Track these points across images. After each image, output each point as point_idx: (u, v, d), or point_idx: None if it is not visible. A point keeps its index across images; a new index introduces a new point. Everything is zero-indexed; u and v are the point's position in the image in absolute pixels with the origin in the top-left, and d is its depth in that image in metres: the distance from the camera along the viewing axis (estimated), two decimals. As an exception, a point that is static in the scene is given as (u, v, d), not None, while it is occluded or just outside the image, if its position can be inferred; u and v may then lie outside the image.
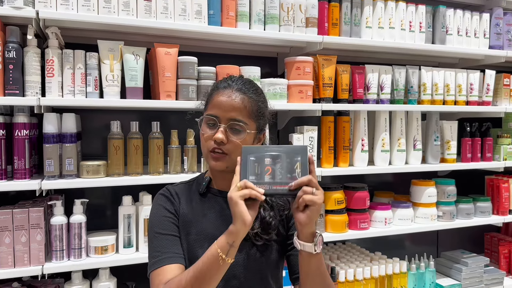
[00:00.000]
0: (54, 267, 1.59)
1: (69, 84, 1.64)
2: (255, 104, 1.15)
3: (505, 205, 2.46)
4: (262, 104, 1.18)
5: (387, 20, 2.14)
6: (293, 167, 1.03)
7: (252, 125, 1.14)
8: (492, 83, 2.43)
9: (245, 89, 1.15)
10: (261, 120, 1.18)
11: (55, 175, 1.61)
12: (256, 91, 1.18)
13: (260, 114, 1.17)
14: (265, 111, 1.19)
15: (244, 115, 1.12)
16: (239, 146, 1.10)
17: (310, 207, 0.99)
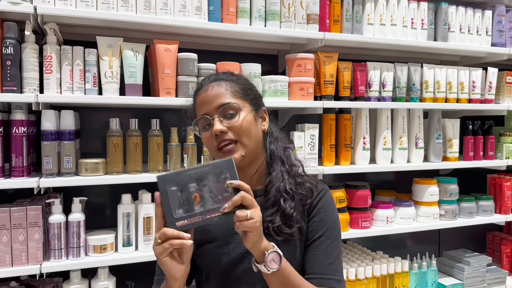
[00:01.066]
0: (52, 266, 1.58)
1: (67, 81, 1.62)
2: (235, 84, 1.11)
3: (508, 204, 2.44)
4: (243, 81, 1.14)
5: (389, 17, 2.12)
6: (222, 187, 0.92)
7: (243, 103, 1.09)
8: (494, 80, 2.41)
9: (219, 77, 1.13)
10: (250, 96, 1.12)
11: (54, 173, 1.59)
12: (232, 74, 1.16)
13: (246, 91, 1.12)
14: (250, 87, 1.14)
15: (230, 96, 1.08)
16: (242, 128, 1.06)
17: (248, 233, 0.92)
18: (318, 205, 1.14)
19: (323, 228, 1.12)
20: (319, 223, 1.12)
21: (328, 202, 1.15)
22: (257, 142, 1.11)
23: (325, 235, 1.11)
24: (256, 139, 1.11)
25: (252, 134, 1.08)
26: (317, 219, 1.13)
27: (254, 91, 1.16)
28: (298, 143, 1.97)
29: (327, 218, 1.13)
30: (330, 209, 1.15)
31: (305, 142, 1.98)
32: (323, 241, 1.11)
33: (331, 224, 1.13)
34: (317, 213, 1.13)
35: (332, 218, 1.14)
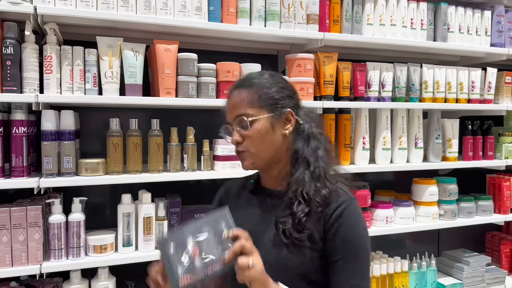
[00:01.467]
0: (52, 266, 1.58)
1: (67, 81, 1.62)
2: (254, 91, 1.10)
3: (507, 204, 2.45)
4: (264, 85, 1.12)
5: (388, 17, 2.13)
6: (221, 238, 0.91)
7: (259, 111, 1.09)
8: (493, 81, 2.41)
9: (241, 84, 1.14)
10: (268, 101, 1.10)
11: (54, 173, 1.59)
12: (253, 78, 1.14)
13: (264, 97, 1.10)
14: (270, 92, 1.11)
15: (245, 106, 1.09)
16: (253, 139, 1.09)
17: (252, 283, 0.93)
18: (338, 221, 1.05)
19: (346, 249, 1.04)
20: (340, 242, 1.05)
21: (350, 218, 1.05)
22: (274, 148, 1.11)
23: (347, 256, 1.04)
24: (273, 146, 1.11)
25: (265, 142, 1.10)
26: (338, 237, 1.05)
27: (274, 95, 1.11)
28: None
29: (349, 237, 1.04)
30: (352, 225, 1.05)
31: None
32: (346, 262, 1.04)
33: (354, 244, 1.05)
34: (337, 230, 1.05)
35: (354, 236, 1.05)
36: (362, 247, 1.06)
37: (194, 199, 1.94)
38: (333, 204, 1.06)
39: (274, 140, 1.11)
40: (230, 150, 1.83)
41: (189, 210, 1.80)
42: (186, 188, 1.97)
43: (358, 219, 1.07)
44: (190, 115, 2.07)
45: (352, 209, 1.07)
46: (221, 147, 1.82)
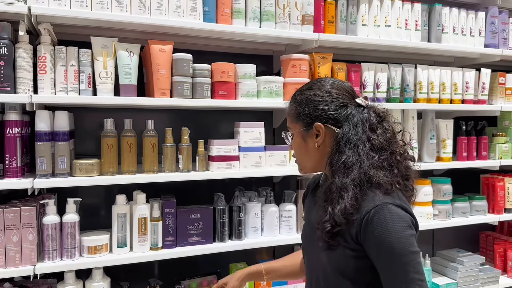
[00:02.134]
0: (46, 267, 1.57)
1: (61, 81, 1.61)
2: (293, 105, 1.21)
3: (501, 204, 2.46)
4: (302, 98, 1.18)
5: (383, 18, 2.13)
6: None
7: (294, 126, 1.21)
8: (487, 81, 2.43)
9: (292, 96, 1.24)
10: (302, 116, 1.17)
11: (48, 174, 1.59)
12: (300, 91, 1.22)
13: (299, 111, 1.18)
14: (305, 105, 1.17)
15: (288, 121, 1.24)
16: (296, 150, 1.22)
17: None
18: (368, 228, 1.04)
19: (381, 254, 1.04)
20: (374, 248, 1.04)
21: (379, 224, 1.03)
22: (312, 158, 1.20)
23: (384, 261, 1.04)
24: (310, 156, 1.20)
25: (301, 154, 1.22)
26: (371, 243, 1.04)
27: (309, 109, 1.16)
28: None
29: (380, 243, 1.02)
30: (382, 231, 1.02)
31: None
32: (385, 267, 1.04)
33: (387, 249, 1.02)
34: (368, 236, 1.04)
35: (385, 242, 1.02)
36: (397, 250, 1.02)
37: (189, 199, 1.94)
38: (363, 211, 1.05)
39: (308, 151, 1.19)
40: (225, 151, 1.83)
41: (184, 211, 1.80)
42: (181, 188, 1.97)
43: (387, 225, 1.03)
44: (185, 116, 2.07)
45: (382, 214, 1.03)
46: (216, 148, 1.82)
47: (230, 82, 1.84)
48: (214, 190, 1.94)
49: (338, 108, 1.15)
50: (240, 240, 1.89)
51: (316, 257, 1.18)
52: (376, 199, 1.05)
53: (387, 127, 1.15)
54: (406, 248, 1.02)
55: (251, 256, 2.16)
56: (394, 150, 1.13)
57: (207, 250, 1.81)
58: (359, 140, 1.11)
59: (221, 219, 1.85)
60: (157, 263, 2.03)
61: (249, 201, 1.96)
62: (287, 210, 1.97)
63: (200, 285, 1.94)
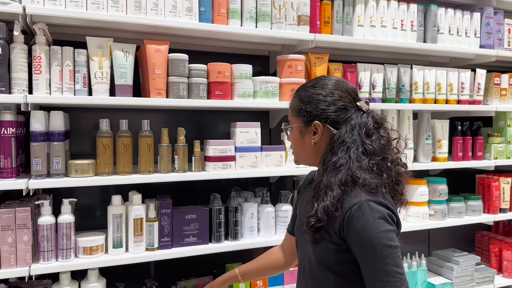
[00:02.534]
0: (41, 268, 1.56)
1: (57, 81, 1.61)
2: (295, 100, 1.25)
3: (496, 204, 2.47)
4: (305, 94, 1.22)
5: (379, 18, 2.14)
6: None
7: (294, 120, 1.25)
8: (483, 82, 2.44)
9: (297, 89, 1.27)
10: (302, 112, 1.21)
11: (43, 174, 1.58)
12: (303, 89, 1.24)
13: (301, 106, 1.22)
14: (307, 102, 1.20)
15: (289, 114, 1.28)
16: (293, 143, 1.27)
17: None
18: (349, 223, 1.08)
19: (361, 249, 1.08)
20: (355, 243, 1.08)
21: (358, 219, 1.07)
22: (307, 153, 1.24)
23: (365, 255, 1.07)
24: (305, 151, 1.24)
25: (297, 148, 1.27)
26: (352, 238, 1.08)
27: (310, 107, 1.20)
28: (289, 144, 1.97)
29: (361, 238, 1.07)
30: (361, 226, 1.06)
31: (296, 143, 1.99)
32: (366, 261, 1.08)
33: (367, 243, 1.06)
34: (349, 231, 1.08)
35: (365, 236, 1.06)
36: (377, 244, 1.05)
37: (185, 200, 1.93)
38: (346, 207, 1.09)
39: (305, 147, 1.24)
40: (221, 151, 1.83)
41: (180, 211, 1.79)
42: (177, 189, 1.97)
43: (367, 221, 1.06)
44: (181, 116, 2.07)
45: (362, 210, 1.07)
46: (212, 148, 1.81)
47: (226, 82, 1.84)
48: (210, 190, 1.94)
49: (338, 110, 1.18)
50: (236, 241, 1.89)
51: (304, 248, 1.25)
52: (358, 197, 1.09)
53: (383, 134, 1.19)
54: (385, 242, 1.05)
55: (248, 257, 2.15)
56: (386, 157, 1.16)
57: (203, 251, 1.81)
58: (353, 143, 1.15)
59: (217, 219, 1.85)
60: (153, 264, 2.02)
61: (245, 201, 1.96)
62: (284, 210, 1.97)
63: (196, 286, 1.93)
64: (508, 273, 2.49)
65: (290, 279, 1.96)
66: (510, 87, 2.55)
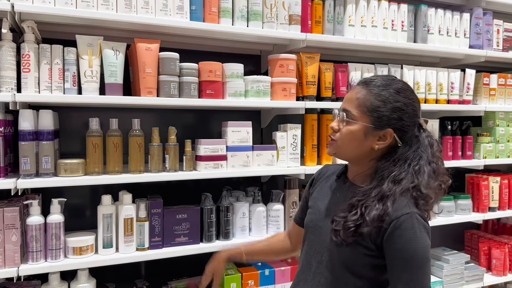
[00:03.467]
0: (30, 269, 1.54)
1: (46, 80, 1.59)
2: (370, 97, 1.18)
3: (485, 203, 2.50)
4: (382, 97, 1.17)
5: (369, 18, 2.15)
6: None
7: (362, 117, 1.18)
8: (472, 82, 2.46)
9: (366, 83, 1.21)
10: (375, 114, 1.17)
11: (31, 174, 1.56)
12: (379, 86, 1.19)
13: (374, 108, 1.17)
14: (384, 106, 1.17)
15: (354, 106, 1.20)
16: (345, 135, 1.20)
17: None
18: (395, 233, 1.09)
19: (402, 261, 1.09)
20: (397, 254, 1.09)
21: (406, 232, 1.09)
22: (358, 153, 1.21)
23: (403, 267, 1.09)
24: (357, 150, 1.21)
25: (351, 144, 1.20)
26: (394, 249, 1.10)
27: (385, 112, 1.17)
28: (281, 143, 1.98)
29: (405, 250, 1.09)
30: (408, 239, 1.09)
31: (288, 142, 1.99)
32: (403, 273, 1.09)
33: (410, 257, 1.08)
34: (393, 242, 1.10)
35: (410, 250, 1.09)
36: (419, 257, 1.09)
37: (176, 199, 1.92)
38: (393, 216, 1.10)
39: (360, 147, 1.20)
40: (212, 150, 1.82)
41: (171, 211, 1.78)
42: (168, 188, 1.96)
43: (413, 234, 1.09)
44: (171, 115, 2.06)
45: (410, 222, 1.10)
46: (203, 147, 1.81)
47: (217, 81, 1.84)
48: (202, 190, 1.93)
49: (412, 125, 1.20)
50: (228, 240, 1.88)
51: (321, 244, 1.23)
52: (406, 208, 1.11)
53: (439, 155, 1.22)
54: (427, 256, 1.10)
55: (239, 256, 2.15)
56: (446, 179, 1.23)
57: (194, 251, 1.80)
58: (420, 160, 1.17)
59: (208, 219, 1.84)
60: (144, 264, 2.01)
61: (237, 201, 1.96)
62: (275, 209, 1.97)
63: (188, 286, 1.93)
64: (497, 271, 2.52)
65: (282, 279, 1.96)
66: (499, 87, 2.57)
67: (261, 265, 2.00)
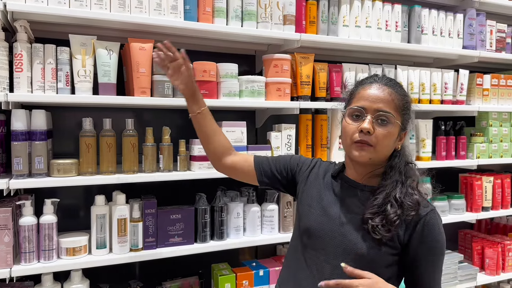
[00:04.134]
0: (23, 270, 1.53)
1: (38, 80, 1.58)
2: (402, 99, 1.20)
3: (478, 202, 2.51)
4: (408, 99, 1.22)
5: (363, 19, 2.15)
6: None
7: (398, 118, 1.19)
8: (465, 82, 2.47)
9: (392, 84, 1.21)
10: (406, 116, 1.21)
11: (24, 174, 1.55)
12: (402, 88, 1.24)
13: (405, 109, 1.21)
14: (409, 108, 1.23)
15: (391, 107, 1.17)
16: (385, 138, 1.16)
17: None
18: (427, 228, 1.14)
19: (430, 255, 1.15)
20: (426, 248, 1.15)
21: (436, 226, 1.16)
22: (387, 153, 1.21)
23: (431, 261, 1.15)
24: (388, 151, 1.21)
25: (388, 147, 1.19)
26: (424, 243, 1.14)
27: (409, 113, 1.23)
28: (275, 143, 1.98)
29: (433, 244, 1.15)
30: (437, 233, 1.16)
31: (282, 142, 1.99)
32: (429, 267, 1.15)
33: (438, 251, 1.16)
34: (424, 236, 1.14)
35: (437, 244, 1.16)
36: (442, 254, 1.18)
37: (170, 200, 1.92)
38: (422, 211, 1.15)
39: (391, 148, 1.21)
40: (206, 150, 1.82)
41: (165, 211, 1.78)
42: (162, 189, 1.95)
43: (440, 227, 1.17)
44: (165, 115, 2.05)
45: (435, 216, 1.16)
46: (197, 147, 1.80)
47: (211, 81, 1.83)
48: (196, 190, 1.93)
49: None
50: (222, 241, 1.88)
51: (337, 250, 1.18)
52: (425, 202, 1.18)
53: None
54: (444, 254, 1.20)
55: (233, 256, 2.15)
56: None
57: (188, 251, 1.80)
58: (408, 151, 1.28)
59: (202, 219, 1.84)
60: (138, 265, 2.00)
61: (231, 201, 1.96)
62: (269, 209, 1.97)
63: (182, 286, 1.92)
64: (490, 271, 2.53)
65: (276, 279, 1.96)
66: (492, 88, 2.59)
67: (255, 265, 2.00)
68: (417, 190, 1.20)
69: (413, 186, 1.19)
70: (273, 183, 1.43)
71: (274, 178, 1.41)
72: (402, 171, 1.20)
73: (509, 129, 2.62)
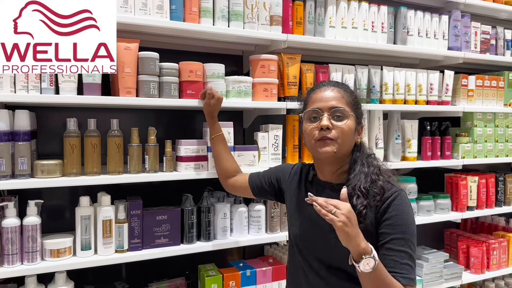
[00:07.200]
0: (6, 272, 1.52)
1: (22, 80, 1.56)
2: (351, 95, 1.32)
3: (463, 202, 2.54)
4: (356, 96, 1.35)
5: (350, 20, 2.16)
6: None
7: (352, 112, 1.30)
8: (451, 83, 2.50)
9: (339, 84, 1.34)
10: (359, 110, 1.33)
11: (7, 175, 1.53)
12: (349, 87, 1.36)
13: (356, 104, 1.33)
14: (359, 103, 1.35)
15: (343, 103, 1.29)
16: (344, 131, 1.26)
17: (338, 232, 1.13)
18: (390, 209, 1.22)
19: (395, 232, 1.21)
20: (391, 227, 1.22)
21: (399, 205, 1.23)
22: (349, 147, 1.31)
23: (397, 238, 1.21)
24: (349, 145, 1.31)
25: (348, 139, 1.29)
26: (388, 223, 1.22)
27: (361, 108, 1.36)
28: (262, 144, 1.98)
29: (398, 222, 1.22)
30: (401, 212, 1.23)
31: (269, 142, 1.99)
32: (395, 244, 1.20)
33: (403, 228, 1.22)
34: (388, 217, 1.22)
35: (403, 221, 1.22)
36: (411, 231, 1.23)
37: (156, 201, 1.91)
38: (388, 193, 1.24)
39: (351, 141, 1.31)
40: (193, 151, 1.81)
41: (151, 212, 1.77)
42: (148, 190, 1.94)
43: (407, 208, 1.25)
44: (151, 116, 2.04)
45: (401, 198, 1.24)
46: (184, 148, 1.80)
47: (198, 81, 1.83)
48: (182, 191, 1.92)
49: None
50: (209, 241, 1.87)
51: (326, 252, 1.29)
52: (393, 184, 1.27)
53: None
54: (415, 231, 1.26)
55: (220, 257, 2.15)
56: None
57: (175, 252, 1.79)
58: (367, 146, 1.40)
59: (189, 220, 1.83)
60: (124, 266, 1.99)
61: (218, 201, 1.95)
62: (256, 210, 1.97)
63: (168, 287, 1.91)
64: (475, 269, 2.56)
65: (263, 279, 1.96)
66: (476, 88, 2.62)
67: (242, 265, 2.00)
68: (381, 176, 1.27)
69: (376, 172, 1.28)
70: (265, 195, 1.61)
71: (264, 190, 1.58)
72: (364, 163, 1.29)
73: (493, 130, 2.66)
